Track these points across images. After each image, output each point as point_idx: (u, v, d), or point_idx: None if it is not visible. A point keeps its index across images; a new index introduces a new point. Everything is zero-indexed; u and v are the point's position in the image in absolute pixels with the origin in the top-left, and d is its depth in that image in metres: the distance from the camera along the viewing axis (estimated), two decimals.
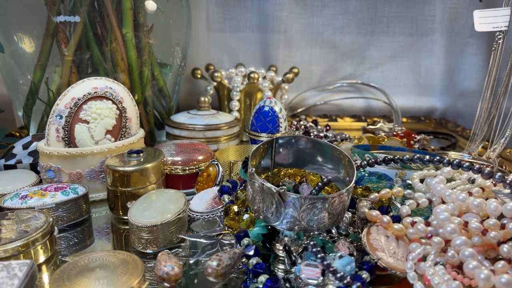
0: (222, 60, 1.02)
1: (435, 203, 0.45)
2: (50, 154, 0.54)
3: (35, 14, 0.64)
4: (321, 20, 1.01)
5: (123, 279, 0.35)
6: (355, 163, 0.45)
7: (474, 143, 0.70)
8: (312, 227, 0.39)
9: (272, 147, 0.49)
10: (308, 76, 1.05)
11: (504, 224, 0.38)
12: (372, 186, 0.53)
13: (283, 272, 0.40)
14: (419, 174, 0.52)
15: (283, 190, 0.38)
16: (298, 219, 0.38)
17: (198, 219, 0.49)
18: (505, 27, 0.64)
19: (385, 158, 0.47)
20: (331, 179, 0.48)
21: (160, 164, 0.54)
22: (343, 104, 1.06)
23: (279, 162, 0.50)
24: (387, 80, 1.05)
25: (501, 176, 0.41)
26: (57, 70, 0.65)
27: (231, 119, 0.74)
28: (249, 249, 0.39)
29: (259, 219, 0.41)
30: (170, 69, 0.77)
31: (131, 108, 0.60)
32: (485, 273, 0.33)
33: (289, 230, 0.39)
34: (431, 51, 1.02)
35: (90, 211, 0.54)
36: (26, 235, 0.41)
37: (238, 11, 0.99)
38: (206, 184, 0.56)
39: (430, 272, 0.35)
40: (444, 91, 1.05)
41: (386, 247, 0.40)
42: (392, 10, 1.00)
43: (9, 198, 0.49)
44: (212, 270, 0.36)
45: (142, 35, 0.68)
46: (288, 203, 0.38)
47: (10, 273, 0.35)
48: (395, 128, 0.85)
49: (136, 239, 0.44)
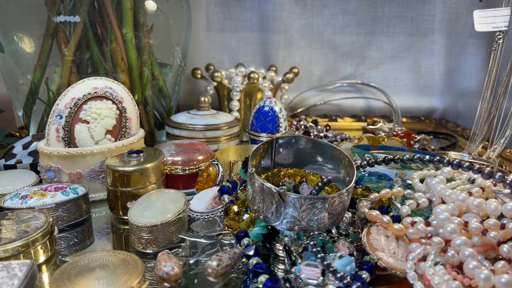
0: (222, 60, 1.02)
1: (435, 203, 0.45)
2: (50, 154, 0.54)
3: (35, 14, 0.64)
4: (321, 20, 1.01)
5: (123, 279, 0.35)
6: (355, 163, 0.45)
7: (474, 143, 0.70)
8: (312, 227, 0.39)
9: (272, 147, 0.49)
10: (308, 76, 1.05)
11: (504, 224, 0.38)
12: (372, 186, 0.53)
13: (283, 272, 0.40)
14: (419, 174, 0.52)
15: (283, 190, 0.38)
16: (298, 219, 0.38)
17: (198, 219, 0.49)
18: (505, 27, 0.64)
19: (385, 158, 0.47)
20: (331, 179, 0.48)
21: (160, 164, 0.54)
22: (343, 104, 1.06)
23: (279, 162, 0.50)
24: (387, 80, 1.05)
25: (501, 176, 0.41)
26: (57, 70, 0.65)
27: (231, 119, 0.74)
28: (249, 249, 0.39)
29: (259, 219, 0.41)
30: (170, 69, 0.77)
31: (131, 108, 0.60)
32: (485, 273, 0.33)
33: (289, 230, 0.40)
34: (431, 51, 1.02)
35: (90, 211, 0.54)
36: (26, 235, 0.41)
37: (238, 11, 0.99)
38: (206, 184, 0.56)
39: (430, 272, 0.35)
40: (444, 91, 1.05)
41: (386, 247, 0.40)
42: (392, 10, 1.00)
43: (9, 198, 0.49)
44: (212, 270, 0.36)
45: (142, 35, 0.68)
46: (288, 203, 0.38)
47: (10, 273, 0.35)
48: (395, 128, 0.85)
49: (136, 239, 0.44)
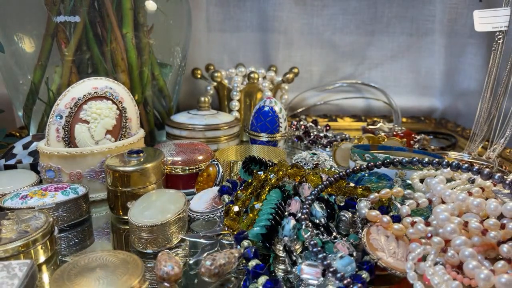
0: (222, 60, 1.02)
1: (435, 203, 0.45)
2: (50, 154, 0.54)
3: (35, 14, 0.64)
4: (321, 20, 1.01)
5: (123, 279, 0.35)
6: (355, 163, 0.45)
7: (474, 143, 0.70)
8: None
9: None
10: (308, 76, 1.05)
11: (504, 224, 0.38)
12: (372, 186, 0.53)
13: (283, 272, 0.40)
14: (419, 174, 0.52)
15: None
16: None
17: (198, 219, 0.49)
18: (505, 27, 0.64)
19: (385, 161, 0.47)
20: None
21: (160, 164, 0.54)
22: (343, 104, 1.06)
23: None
24: (387, 80, 1.05)
25: (500, 176, 0.41)
26: (57, 70, 0.65)
27: (231, 119, 0.74)
28: (249, 252, 0.38)
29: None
30: (170, 69, 0.77)
31: (131, 108, 0.60)
32: (485, 273, 0.33)
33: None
34: (431, 51, 1.02)
35: (90, 211, 0.54)
36: (26, 235, 0.41)
37: (238, 11, 0.99)
38: (206, 184, 0.56)
39: (430, 272, 0.35)
40: (444, 91, 1.05)
41: (386, 247, 0.40)
42: (392, 10, 1.00)
43: (9, 198, 0.49)
44: (205, 269, 0.36)
45: (142, 35, 0.68)
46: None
47: (10, 273, 0.35)
48: (395, 128, 0.85)
49: (136, 239, 0.44)
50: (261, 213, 0.43)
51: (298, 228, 0.42)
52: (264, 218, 0.42)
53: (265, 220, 0.41)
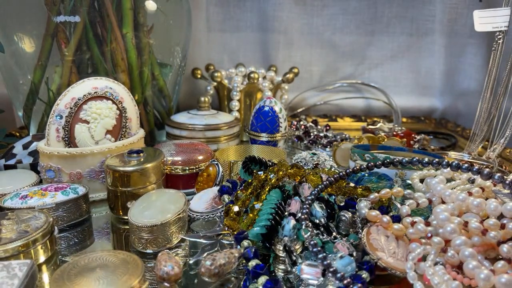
0: (222, 60, 1.02)
1: (435, 203, 0.45)
2: (50, 154, 0.54)
3: (35, 14, 0.64)
4: (321, 20, 1.01)
5: (123, 279, 0.35)
6: (355, 163, 0.45)
7: (474, 143, 0.70)
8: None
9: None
10: (308, 76, 1.05)
11: (504, 224, 0.38)
12: (372, 186, 0.53)
13: (283, 272, 0.40)
14: (419, 174, 0.52)
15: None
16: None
17: (198, 219, 0.49)
18: (505, 27, 0.64)
19: (385, 161, 0.47)
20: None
21: (160, 164, 0.54)
22: (343, 104, 1.06)
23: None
24: (387, 80, 1.05)
25: (500, 176, 0.41)
26: (57, 70, 0.65)
27: (231, 119, 0.74)
28: (249, 252, 0.38)
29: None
30: (170, 69, 0.77)
31: (131, 108, 0.60)
32: (485, 273, 0.33)
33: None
34: (431, 51, 1.02)
35: (90, 211, 0.54)
36: (26, 235, 0.41)
37: (238, 11, 0.99)
38: (206, 184, 0.56)
39: (430, 272, 0.35)
40: (444, 91, 1.05)
41: (386, 247, 0.40)
42: (392, 10, 1.00)
43: (9, 198, 0.49)
44: (205, 269, 0.36)
45: (142, 35, 0.68)
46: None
47: (10, 273, 0.35)
48: (395, 128, 0.85)
49: (136, 239, 0.44)
50: (261, 213, 0.43)
51: (298, 228, 0.42)
52: (264, 218, 0.42)
53: (265, 220, 0.42)
